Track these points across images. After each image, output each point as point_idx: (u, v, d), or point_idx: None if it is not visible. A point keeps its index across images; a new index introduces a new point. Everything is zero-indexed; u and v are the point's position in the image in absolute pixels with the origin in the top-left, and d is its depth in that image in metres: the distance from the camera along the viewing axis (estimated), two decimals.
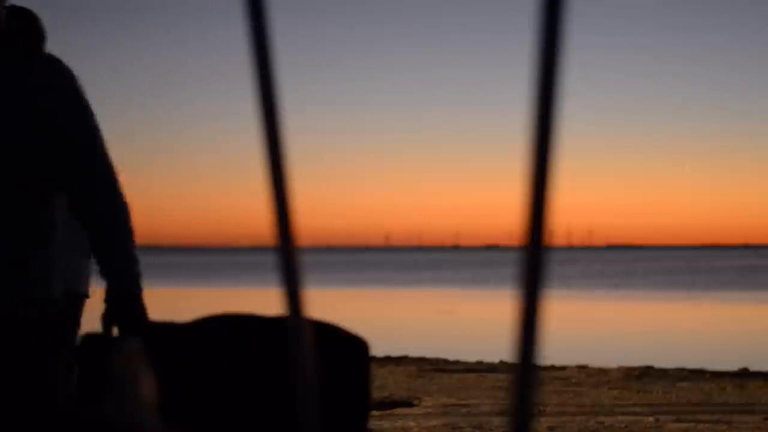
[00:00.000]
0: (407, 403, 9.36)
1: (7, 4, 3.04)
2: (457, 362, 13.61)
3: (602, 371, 12.16)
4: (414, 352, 14.42)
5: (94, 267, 3.22)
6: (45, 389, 2.94)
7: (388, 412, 8.81)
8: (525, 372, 0.66)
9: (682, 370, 12.32)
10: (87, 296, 4.81)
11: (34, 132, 2.96)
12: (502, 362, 13.10)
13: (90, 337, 2.95)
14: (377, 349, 8.62)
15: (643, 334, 20.46)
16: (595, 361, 13.05)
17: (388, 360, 13.51)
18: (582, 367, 12.58)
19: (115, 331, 2.95)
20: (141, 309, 2.98)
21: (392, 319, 24.86)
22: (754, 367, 12.49)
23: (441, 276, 58.71)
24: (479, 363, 13.42)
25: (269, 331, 1.66)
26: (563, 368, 12.41)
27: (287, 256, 0.75)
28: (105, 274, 3.04)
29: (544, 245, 0.66)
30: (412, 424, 8.25)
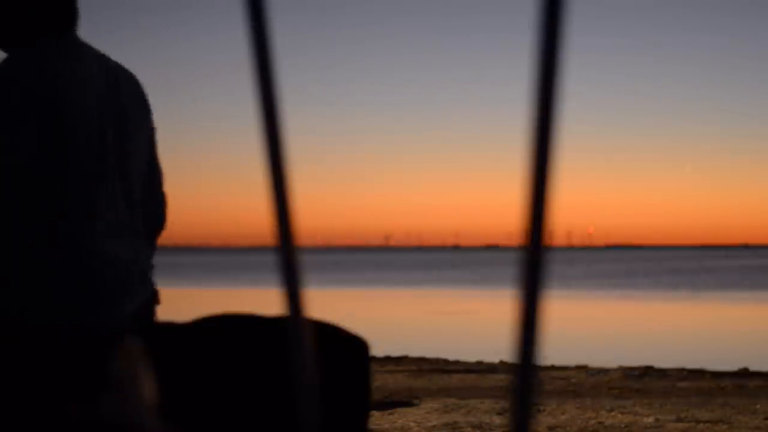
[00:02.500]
0: (407, 403, 9.36)
1: None
2: (457, 362, 13.61)
3: (602, 371, 12.17)
4: (414, 352, 14.42)
5: None
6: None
7: (388, 412, 8.81)
8: (525, 372, 0.66)
9: (682, 370, 12.32)
10: None
11: None
12: (502, 362, 13.10)
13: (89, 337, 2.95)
14: (377, 349, 8.61)
15: (643, 334, 20.45)
16: (595, 361, 13.05)
17: (388, 360, 13.51)
18: (582, 367, 12.58)
19: None
20: None
21: (392, 319, 24.85)
22: (754, 367, 12.49)
23: (441, 276, 58.68)
24: (479, 363, 13.42)
25: (269, 331, 1.66)
26: (563, 368, 12.42)
27: (287, 256, 0.75)
28: None
29: (544, 245, 0.66)
30: (412, 424, 8.25)
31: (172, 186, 3.26)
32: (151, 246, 3.17)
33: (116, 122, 2.97)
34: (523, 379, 0.66)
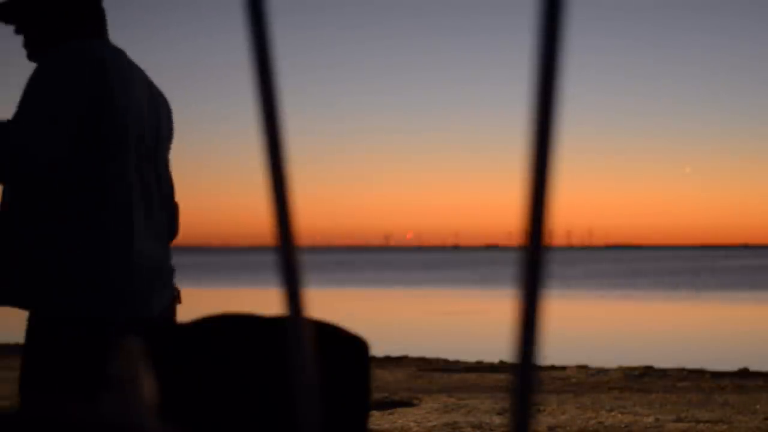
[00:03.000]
0: (407, 403, 9.36)
1: None
2: (457, 362, 13.61)
3: (602, 371, 12.16)
4: (414, 352, 14.42)
5: None
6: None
7: (388, 412, 8.81)
8: (525, 372, 0.66)
9: (682, 370, 12.32)
10: None
11: None
12: (502, 362, 13.10)
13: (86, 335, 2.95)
14: (377, 349, 8.60)
15: (643, 334, 20.44)
16: (595, 361, 13.05)
17: (388, 360, 13.51)
18: (582, 367, 12.57)
19: None
20: None
21: (392, 319, 24.84)
22: (754, 367, 12.48)
23: (441, 276, 58.66)
24: (479, 363, 13.41)
25: (269, 331, 1.66)
26: (563, 368, 12.41)
27: (287, 256, 0.75)
28: None
29: (544, 245, 0.66)
30: (412, 424, 8.24)
31: None
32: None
33: (155, 128, 2.98)
34: (523, 379, 0.66)
